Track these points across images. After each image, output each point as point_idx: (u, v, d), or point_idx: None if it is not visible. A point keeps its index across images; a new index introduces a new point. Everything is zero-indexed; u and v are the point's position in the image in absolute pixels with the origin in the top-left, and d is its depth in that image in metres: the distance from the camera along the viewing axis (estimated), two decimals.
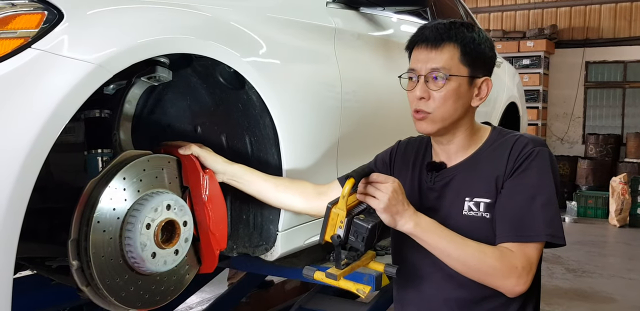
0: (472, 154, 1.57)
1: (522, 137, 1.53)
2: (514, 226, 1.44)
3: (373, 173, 1.45)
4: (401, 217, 1.41)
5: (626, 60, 10.57)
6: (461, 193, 1.53)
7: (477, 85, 1.53)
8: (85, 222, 1.39)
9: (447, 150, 1.60)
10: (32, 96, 1.18)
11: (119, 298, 1.46)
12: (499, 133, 1.59)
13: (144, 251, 1.46)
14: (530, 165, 1.47)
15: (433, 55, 1.50)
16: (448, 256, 1.42)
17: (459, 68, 1.49)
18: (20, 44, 1.20)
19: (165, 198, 1.52)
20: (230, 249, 1.90)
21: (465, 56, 1.49)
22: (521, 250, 1.42)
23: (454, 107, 1.51)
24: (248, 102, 1.77)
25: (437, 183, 1.58)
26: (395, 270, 1.45)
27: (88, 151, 1.60)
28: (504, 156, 1.50)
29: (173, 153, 1.66)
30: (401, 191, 1.43)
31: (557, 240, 1.44)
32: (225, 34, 1.66)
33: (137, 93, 1.64)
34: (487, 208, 1.49)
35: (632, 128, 10.26)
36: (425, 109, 1.51)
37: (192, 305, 4.16)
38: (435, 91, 1.50)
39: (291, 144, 1.84)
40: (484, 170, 1.52)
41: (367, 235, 1.39)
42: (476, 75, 1.52)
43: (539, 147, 1.49)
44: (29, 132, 1.17)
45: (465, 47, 1.49)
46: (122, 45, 1.33)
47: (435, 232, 1.42)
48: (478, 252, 1.40)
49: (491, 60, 1.56)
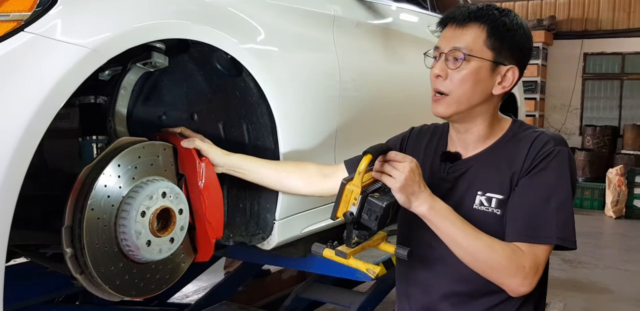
0: (490, 146, 1.52)
1: (543, 133, 1.48)
2: (525, 226, 1.40)
3: (391, 151, 1.40)
4: (416, 198, 1.37)
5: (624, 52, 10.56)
6: (474, 187, 1.49)
7: (501, 72, 1.46)
8: (79, 209, 1.37)
9: (464, 140, 1.54)
10: (25, 81, 1.16)
11: (114, 286, 1.44)
12: (520, 126, 1.53)
13: (138, 239, 1.44)
14: (548, 165, 1.42)
15: (457, 34, 1.45)
16: (457, 245, 1.39)
17: (482, 50, 1.43)
18: (13, 27, 1.17)
19: (160, 185, 1.50)
20: (227, 238, 1.88)
21: (491, 39, 1.43)
22: (531, 250, 1.38)
23: (471, 90, 1.45)
24: (245, 89, 1.75)
25: (450, 174, 1.54)
26: (406, 252, 1.41)
27: (82, 137, 1.59)
28: (522, 152, 1.45)
29: (169, 140, 1.64)
30: (418, 171, 1.38)
31: (567, 243, 1.41)
32: (223, 19, 1.63)
33: (132, 80, 1.62)
34: (498, 204, 1.45)
35: (630, 120, 10.27)
36: (442, 89, 1.46)
37: (188, 294, 4.16)
38: (453, 71, 1.44)
39: (289, 132, 1.82)
40: (500, 164, 1.47)
41: (381, 214, 1.35)
42: (501, 61, 1.45)
43: (560, 146, 1.44)
44: (22, 117, 1.14)
45: (492, 29, 1.43)
46: (117, 29, 1.30)
47: (448, 218, 1.39)
48: (488, 246, 1.36)
49: (523, 49, 1.48)
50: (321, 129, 2.02)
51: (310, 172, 1.74)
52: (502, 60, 1.45)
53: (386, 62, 2.50)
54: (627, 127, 9.81)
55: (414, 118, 2.01)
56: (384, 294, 2.76)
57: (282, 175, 1.72)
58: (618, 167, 8.20)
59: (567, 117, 10.90)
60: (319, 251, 1.43)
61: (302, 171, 1.74)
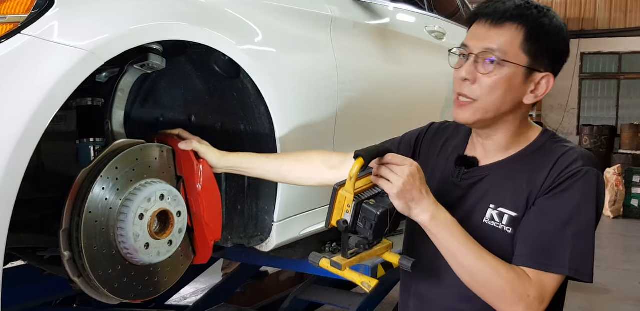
0: (511, 156, 1.37)
1: (572, 150, 1.32)
2: (536, 251, 1.26)
3: (388, 154, 1.28)
4: (417, 205, 1.25)
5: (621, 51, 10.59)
6: (486, 198, 1.35)
7: (535, 80, 1.31)
8: (77, 212, 1.36)
9: (485, 146, 1.40)
10: (22, 83, 1.15)
11: (112, 289, 1.44)
12: (549, 138, 1.38)
13: (137, 242, 1.44)
14: (572, 186, 1.26)
15: (491, 34, 1.29)
16: (457, 262, 1.27)
17: (518, 55, 1.28)
18: (10, 29, 1.17)
19: (158, 188, 1.50)
20: (225, 240, 1.88)
21: (528, 42, 1.28)
22: (538, 278, 1.24)
23: (502, 99, 1.30)
24: (243, 90, 1.74)
25: (463, 181, 1.40)
26: (410, 264, 1.30)
27: (80, 140, 1.58)
28: (545, 168, 1.30)
29: (167, 142, 1.63)
30: (419, 176, 1.26)
31: (582, 276, 1.25)
32: (220, 20, 1.62)
33: (129, 81, 1.61)
34: (510, 222, 1.31)
35: (627, 120, 10.30)
36: (469, 94, 1.31)
37: (186, 296, 4.15)
38: (484, 75, 1.29)
39: (286, 133, 1.81)
40: (519, 178, 1.32)
41: (376, 223, 1.25)
42: (536, 68, 1.30)
43: (589, 166, 1.28)
44: (19, 119, 1.14)
45: (530, 31, 1.27)
46: (114, 31, 1.30)
47: (451, 231, 1.26)
48: (491, 268, 1.23)
49: (561, 54, 1.33)
50: (319, 130, 2.02)
51: (315, 163, 1.66)
52: (538, 66, 1.30)
53: (384, 63, 2.50)
54: (624, 127, 9.83)
55: (411, 119, 2.01)
56: (383, 295, 2.76)
57: (284, 169, 1.67)
58: (615, 166, 8.20)
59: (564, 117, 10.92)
60: (316, 262, 1.34)
61: (306, 163, 1.67)
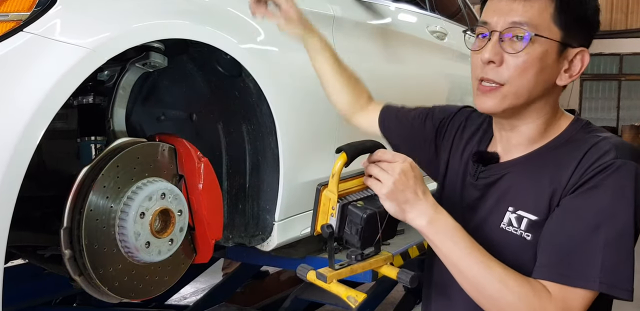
0: (536, 150, 1.18)
1: (605, 140, 1.11)
2: (558, 261, 1.06)
3: (379, 150, 1.13)
4: (412, 207, 1.09)
5: (622, 52, 10.59)
6: (505, 200, 1.17)
7: (568, 57, 1.12)
8: (78, 211, 1.36)
9: (508, 138, 1.21)
10: (24, 81, 1.15)
11: (112, 288, 1.43)
12: (582, 128, 1.17)
13: (137, 241, 1.44)
14: (603, 182, 1.05)
15: (517, 6, 1.10)
16: (460, 273, 1.09)
17: (550, 28, 1.10)
18: (12, 27, 1.17)
19: (159, 186, 1.49)
20: (226, 239, 1.88)
21: (560, 14, 1.09)
22: (560, 293, 1.03)
23: (534, 80, 1.11)
24: (245, 89, 1.74)
25: (480, 179, 1.23)
26: (409, 278, 1.14)
27: (81, 138, 1.58)
28: (572, 162, 1.09)
29: (168, 140, 1.63)
30: (414, 174, 1.09)
31: (617, 292, 1.02)
32: (222, 19, 1.62)
33: (131, 80, 1.61)
34: (530, 227, 1.12)
35: (627, 121, 10.30)
36: (496, 79, 1.12)
37: (186, 295, 4.14)
38: (512, 55, 1.10)
39: (288, 133, 1.81)
40: (542, 176, 1.13)
41: (362, 227, 1.09)
42: (570, 43, 1.11)
43: (624, 158, 1.06)
44: (21, 118, 1.14)
45: (562, 1, 1.10)
46: (116, 29, 1.30)
47: (452, 238, 1.09)
48: (499, 280, 1.05)
49: (593, 26, 1.15)
50: (321, 129, 2.02)
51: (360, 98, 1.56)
52: (571, 41, 1.12)
53: (385, 63, 2.50)
54: (625, 128, 9.85)
55: None
56: (384, 295, 2.76)
57: (336, 86, 1.57)
58: None
59: None
60: (304, 275, 1.19)
61: (354, 94, 1.56)
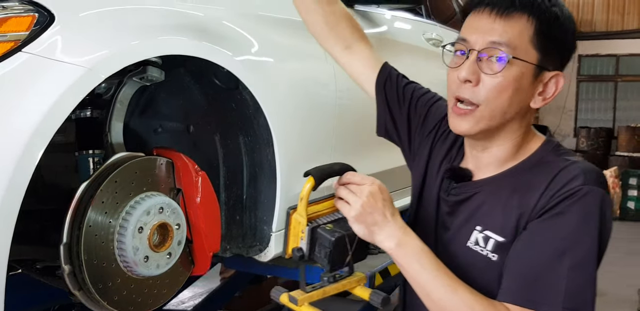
0: (506, 171, 1.18)
1: (574, 164, 1.11)
2: (524, 285, 1.07)
3: (347, 172, 1.15)
4: (380, 230, 1.10)
5: (619, 53, 10.61)
6: (473, 219, 1.18)
7: (543, 80, 1.13)
8: (77, 226, 1.37)
9: (479, 158, 1.22)
10: (23, 101, 1.17)
11: (112, 302, 1.44)
12: (552, 150, 1.18)
13: (136, 255, 1.45)
14: (569, 209, 1.06)
15: (497, 26, 1.09)
16: (426, 297, 1.10)
17: (528, 51, 1.09)
18: (11, 47, 1.18)
19: (157, 201, 1.50)
20: (224, 250, 1.88)
21: (539, 37, 1.09)
22: None
23: (509, 102, 1.10)
24: (242, 101, 1.75)
25: (451, 196, 1.23)
26: (380, 299, 1.17)
27: (79, 152, 1.59)
28: (540, 186, 1.10)
29: (165, 155, 1.64)
30: (382, 197, 1.10)
31: None
32: (218, 33, 1.63)
33: (128, 93, 1.62)
34: (496, 248, 1.14)
35: (624, 122, 10.32)
36: (472, 99, 1.11)
37: (184, 300, 4.16)
38: (489, 76, 1.09)
39: (285, 144, 1.82)
40: (511, 197, 1.14)
41: (331, 250, 1.11)
42: (546, 66, 1.12)
43: (591, 185, 1.07)
44: (22, 135, 1.15)
45: (542, 24, 1.09)
46: (114, 48, 1.31)
47: (419, 261, 1.09)
48: (464, 304, 1.06)
49: (569, 50, 1.16)
50: (318, 139, 2.03)
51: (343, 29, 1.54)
52: (547, 64, 1.12)
53: None
54: (621, 129, 9.86)
55: None
56: None
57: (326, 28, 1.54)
58: (612, 168, 8.22)
59: (561, 119, 10.93)
60: (277, 297, 1.20)
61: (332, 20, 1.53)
